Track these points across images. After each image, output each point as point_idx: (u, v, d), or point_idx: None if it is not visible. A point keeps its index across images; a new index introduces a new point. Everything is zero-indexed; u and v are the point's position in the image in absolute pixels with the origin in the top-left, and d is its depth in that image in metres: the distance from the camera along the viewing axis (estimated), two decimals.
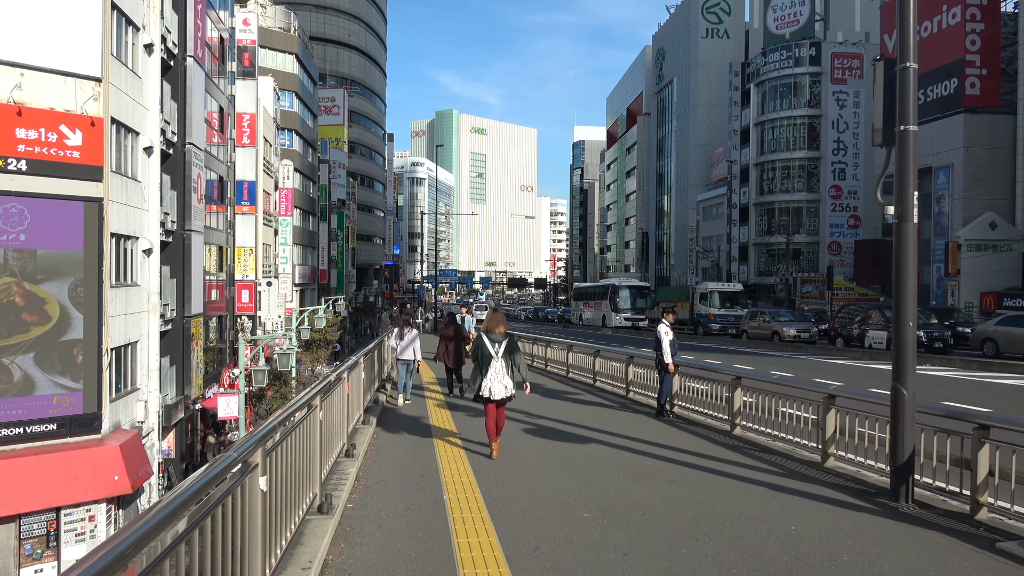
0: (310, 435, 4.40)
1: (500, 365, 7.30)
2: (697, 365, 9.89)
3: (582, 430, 8.86)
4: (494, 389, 7.25)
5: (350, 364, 6.86)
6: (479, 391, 7.31)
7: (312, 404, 4.57)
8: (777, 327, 29.22)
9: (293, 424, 3.90)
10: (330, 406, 5.31)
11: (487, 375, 7.27)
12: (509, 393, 7.37)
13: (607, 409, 10.81)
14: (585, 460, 7.15)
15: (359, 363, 8.04)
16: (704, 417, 9.45)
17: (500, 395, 7.30)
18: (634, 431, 8.81)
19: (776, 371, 16.92)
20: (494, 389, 7.25)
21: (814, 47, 57.10)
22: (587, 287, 56.59)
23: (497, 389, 7.26)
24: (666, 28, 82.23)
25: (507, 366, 7.34)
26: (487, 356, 7.32)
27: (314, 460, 4.46)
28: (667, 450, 7.71)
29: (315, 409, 4.54)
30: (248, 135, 28.79)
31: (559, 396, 12.31)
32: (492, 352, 7.31)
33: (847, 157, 56.62)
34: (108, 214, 16.04)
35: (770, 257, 59.50)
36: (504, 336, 7.44)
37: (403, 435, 8.43)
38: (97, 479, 15.24)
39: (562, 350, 16.15)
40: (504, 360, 7.33)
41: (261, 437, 3.07)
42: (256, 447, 2.99)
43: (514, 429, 8.90)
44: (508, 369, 7.34)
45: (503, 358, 7.33)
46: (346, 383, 6.33)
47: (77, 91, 15.43)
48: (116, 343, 16.86)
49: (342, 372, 6.24)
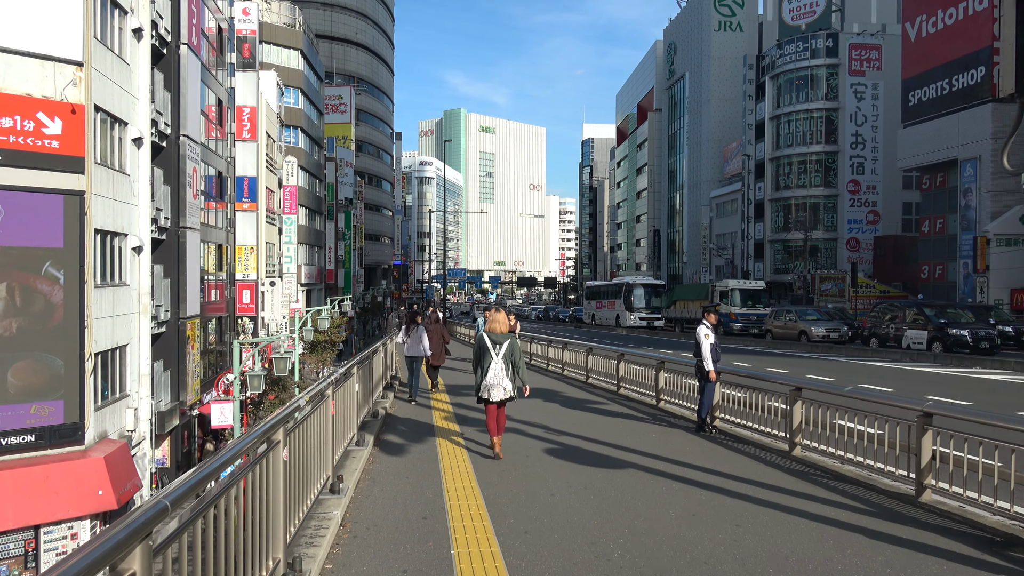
0: (266, 489, 3.17)
1: (500, 366, 7.24)
2: (744, 372, 8.61)
3: (613, 450, 7.61)
4: (492, 391, 7.23)
5: (337, 376, 5.63)
6: (479, 392, 7.31)
7: (272, 440, 3.34)
8: (805, 327, 27.58)
9: (222, 487, 2.61)
10: (303, 438, 4.09)
11: (487, 375, 7.25)
12: (508, 395, 7.29)
13: (637, 422, 9.55)
14: (623, 492, 5.90)
15: (352, 373, 6.81)
16: (753, 433, 8.17)
17: (498, 397, 7.24)
18: (674, 451, 7.55)
19: (813, 374, 15.60)
20: (492, 391, 7.23)
21: (831, 38, 55.54)
22: (600, 286, 55.23)
23: (496, 391, 7.22)
24: (677, 22, 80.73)
25: (507, 367, 7.26)
26: (488, 357, 7.26)
27: (271, 527, 3.23)
28: (719, 477, 6.45)
29: (275, 448, 3.31)
30: (248, 129, 27.66)
31: (581, 406, 11.06)
32: (493, 353, 7.25)
33: (866, 151, 55.05)
34: (91, 208, 14.91)
35: (786, 254, 57.99)
36: (505, 336, 7.36)
37: (405, 458, 7.20)
38: (79, 494, 14.11)
39: (581, 353, 14.89)
40: (504, 361, 7.25)
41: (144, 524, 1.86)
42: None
43: (535, 449, 7.66)
44: (508, 370, 7.26)
45: (503, 359, 7.25)
46: (330, 402, 5.11)
47: (56, 76, 14.29)
48: (102, 347, 15.74)
49: (325, 387, 5.02)
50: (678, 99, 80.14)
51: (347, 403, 6.37)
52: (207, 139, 23.70)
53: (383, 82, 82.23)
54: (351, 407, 6.68)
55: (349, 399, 6.50)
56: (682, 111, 78.58)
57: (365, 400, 8.05)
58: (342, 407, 5.98)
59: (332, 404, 5.12)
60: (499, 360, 7.21)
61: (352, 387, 6.70)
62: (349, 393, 6.49)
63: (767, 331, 30.06)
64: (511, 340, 7.36)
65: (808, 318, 28.31)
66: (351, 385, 6.60)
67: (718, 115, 71.66)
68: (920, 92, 41.68)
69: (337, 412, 5.55)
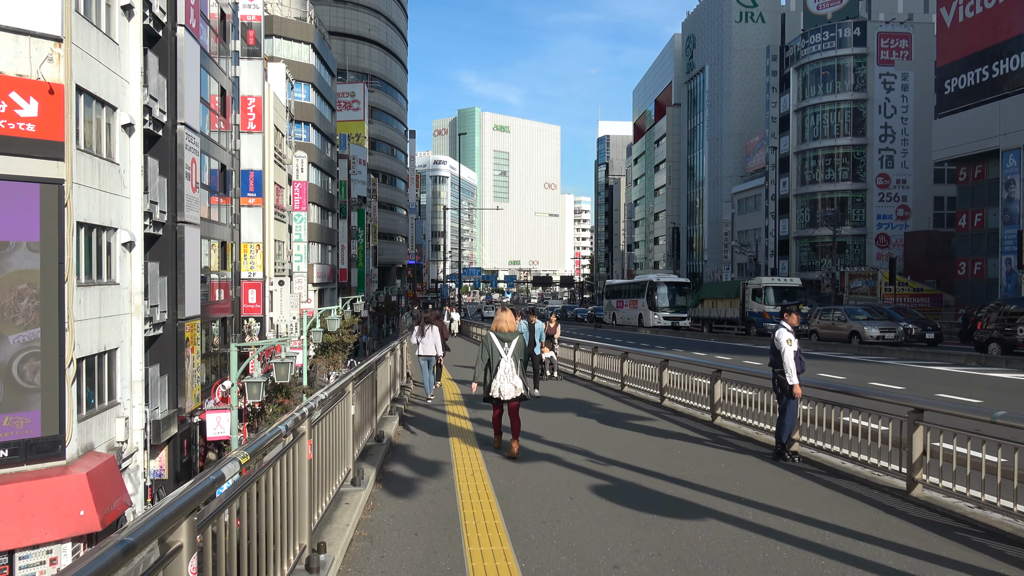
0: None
1: (509, 364, 7.24)
2: (835, 387, 6.96)
3: (680, 489, 6.03)
4: (504, 389, 7.21)
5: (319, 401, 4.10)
6: (488, 391, 7.30)
7: (167, 542, 1.81)
8: (856, 326, 25.11)
9: None
10: (258, 505, 2.58)
11: (496, 375, 7.24)
12: (519, 392, 7.28)
13: (695, 445, 7.96)
14: (716, 564, 4.32)
15: (346, 391, 5.27)
16: (851, 464, 6.54)
17: (510, 395, 7.24)
18: (758, 490, 5.96)
19: (892, 384, 13.88)
20: (504, 389, 7.21)
21: (859, 27, 53.49)
22: (621, 284, 53.49)
23: (507, 389, 7.21)
24: (696, 14, 78.80)
25: (516, 365, 7.28)
26: (496, 355, 7.28)
27: None
28: (829, 532, 4.86)
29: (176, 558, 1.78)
30: (254, 120, 26.29)
31: (621, 422, 9.47)
32: (502, 351, 7.27)
33: (895, 144, 52.96)
34: (73, 199, 13.52)
35: (813, 251, 56.00)
36: (514, 334, 7.38)
37: (415, 500, 5.65)
38: (58, 515, 12.73)
39: (614, 358, 13.29)
40: (514, 360, 7.28)
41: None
42: None
43: (580, 487, 6.09)
44: (517, 368, 7.28)
45: (512, 358, 7.27)
46: (307, 442, 3.58)
47: (32, 52, 12.91)
48: (87, 351, 14.36)
49: (295, 423, 3.48)
50: (697, 93, 78.22)
51: (337, 435, 4.82)
52: (211, 131, 22.34)
53: (397, 79, 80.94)
54: (344, 438, 5.13)
55: (341, 428, 4.96)
56: (702, 105, 76.65)
57: (366, 422, 6.50)
58: (328, 443, 4.44)
59: (309, 445, 3.59)
60: (508, 358, 7.22)
61: (346, 411, 5.15)
62: (340, 420, 4.94)
63: (811, 332, 27.57)
64: (519, 338, 7.37)
65: (858, 317, 25.97)
66: (343, 410, 5.05)
67: (740, 108, 69.69)
68: (957, 80, 39.69)
69: (320, 452, 4.02)
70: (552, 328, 15.23)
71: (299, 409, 3.57)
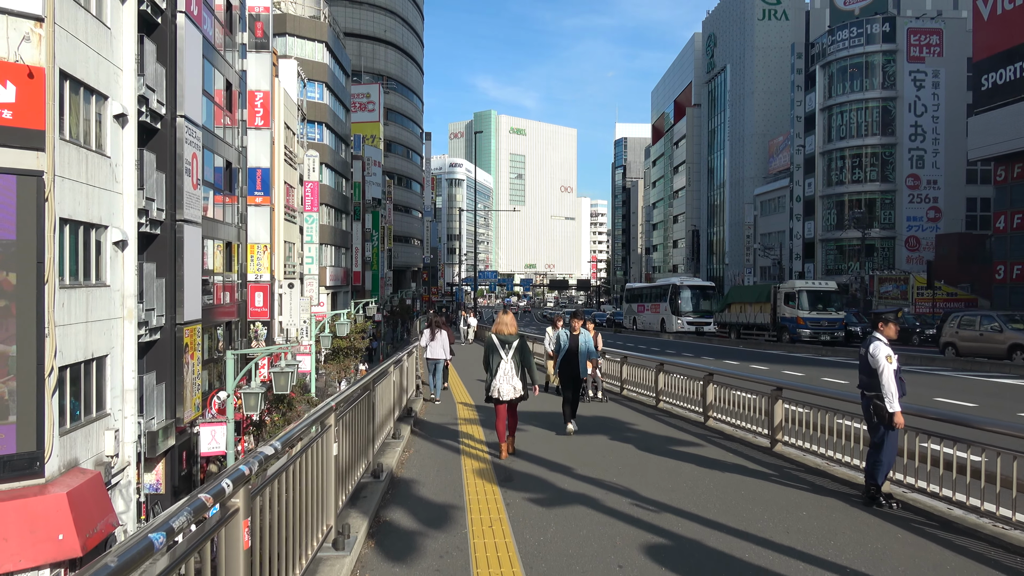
0: None
1: (509, 366, 7.42)
2: (952, 417, 5.53)
3: (759, 551, 4.68)
4: (503, 390, 7.39)
5: (259, 459, 2.82)
6: (489, 392, 7.53)
7: None
8: (1019, 338, 19.87)
9: None
10: None
11: (496, 375, 7.43)
12: (518, 394, 7.45)
13: (758, 481, 6.59)
14: None
15: (327, 427, 3.99)
16: (976, 516, 5.15)
17: (509, 396, 7.41)
18: (859, 553, 4.59)
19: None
20: (503, 390, 7.39)
21: (888, 23, 51.70)
22: (641, 288, 51.97)
23: (506, 390, 7.39)
24: (717, 13, 77.19)
25: (516, 367, 7.44)
26: (496, 357, 7.45)
27: None
28: None
29: None
30: (262, 116, 25.21)
31: (664, 449, 8.12)
32: (502, 353, 7.44)
33: (926, 143, 51.07)
34: (54, 193, 12.40)
35: (839, 254, 54.20)
36: (514, 337, 7.54)
37: (414, 569, 4.35)
38: (34, 539, 11.56)
39: (647, 370, 11.93)
40: (514, 361, 7.44)
41: None
42: None
43: (630, 547, 4.75)
44: (517, 370, 7.45)
45: (512, 359, 7.43)
46: (242, 525, 2.30)
47: (10, 32, 11.82)
48: (72, 359, 13.24)
49: (230, 498, 2.20)
50: (718, 93, 76.57)
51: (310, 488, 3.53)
52: (216, 127, 21.28)
53: (413, 81, 80.00)
54: (322, 488, 3.83)
55: (316, 477, 3.67)
56: (723, 105, 75.00)
57: (358, 457, 5.20)
58: (292, 506, 3.14)
59: (246, 527, 2.31)
60: (508, 360, 7.40)
61: (326, 452, 3.87)
62: (315, 466, 3.65)
63: (947, 345, 22.29)
64: (519, 340, 7.53)
65: (1018, 326, 20.62)
66: (320, 451, 3.75)
67: (762, 108, 68.00)
68: (995, 75, 37.90)
69: (279, 522, 2.74)
70: (592, 335, 13.21)
71: (227, 474, 2.29)
